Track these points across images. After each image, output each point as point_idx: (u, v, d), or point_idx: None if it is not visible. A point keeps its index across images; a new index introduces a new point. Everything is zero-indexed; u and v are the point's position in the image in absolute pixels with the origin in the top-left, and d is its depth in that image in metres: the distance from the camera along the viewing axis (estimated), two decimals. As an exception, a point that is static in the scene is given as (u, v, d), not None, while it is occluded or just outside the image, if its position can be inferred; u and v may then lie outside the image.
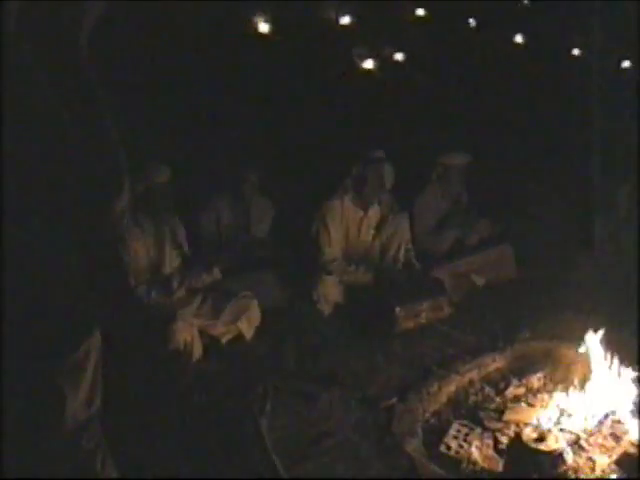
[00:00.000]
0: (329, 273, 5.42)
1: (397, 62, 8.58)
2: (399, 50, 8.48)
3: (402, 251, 5.62)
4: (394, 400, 4.15)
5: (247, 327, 4.94)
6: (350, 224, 5.57)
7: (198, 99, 6.20)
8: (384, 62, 8.41)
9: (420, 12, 8.73)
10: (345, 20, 8.11)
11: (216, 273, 5.03)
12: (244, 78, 6.71)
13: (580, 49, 8.82)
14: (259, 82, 6.79)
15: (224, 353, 4.79)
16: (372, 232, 5.64)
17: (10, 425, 1.86)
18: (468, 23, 9.12)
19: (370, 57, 8.22)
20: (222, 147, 6.10)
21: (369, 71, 8.25)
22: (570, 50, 9.06)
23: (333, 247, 5.48)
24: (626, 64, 8.57)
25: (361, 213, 5.59)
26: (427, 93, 7.91)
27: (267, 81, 6.84)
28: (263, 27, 7.45)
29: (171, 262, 4.86)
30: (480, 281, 5.80)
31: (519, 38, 9.18)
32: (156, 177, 4.69)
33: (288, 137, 6.58)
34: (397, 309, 4.96)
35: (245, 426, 3.82)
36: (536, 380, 4.30)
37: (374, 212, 5.63)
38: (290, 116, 6.83)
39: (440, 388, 4.30)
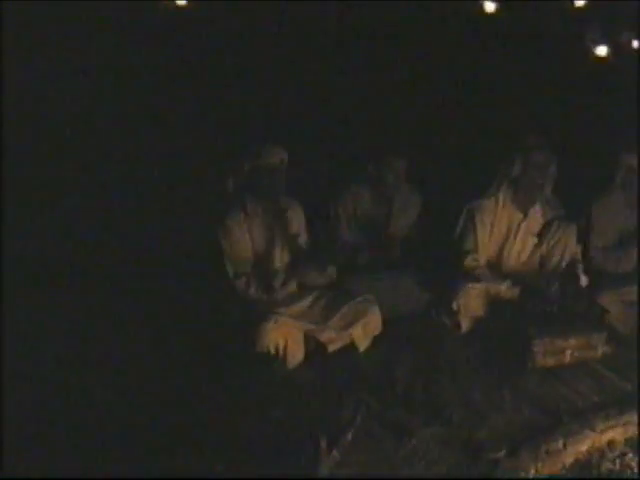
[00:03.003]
0: (475, 281, 4.63)
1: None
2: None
3: (564, 264, 4.72)
4: (502, 453, 3.39)
5: (361, 336, 4.32)
6: (505, 228, 4.76)
7: (348, 77, 5.66)
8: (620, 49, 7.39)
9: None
10: (580, 2, 7.28)
11: (331, 272, 4.46)
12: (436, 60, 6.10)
13: None
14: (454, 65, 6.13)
15: (328, 364, 4.20)
16: (533, 240, 4.78)
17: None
18: None
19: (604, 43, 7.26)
20: (365, 130, 5.50)
21: (602, 58, 7.28)
22: None
23: (479, 253, 4.71)
24: None
25: (520, 216, 4.76)
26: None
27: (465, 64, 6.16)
28: (489, 6, 6.81)
29: (282, 255, 4.36)
30: (663, 313, 4.73)
31: None
32: (265, 157, 4.21)
33: (449, 121, 5.82)
34: (535, 342, 4.09)
35: (304, 459, 3.26)
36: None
37: (535, 215, 4.77)
38: (473, 99, 6.08)
39: (565, 446, 3.46)
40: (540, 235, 4.76)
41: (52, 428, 3.38)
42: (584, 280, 4.67)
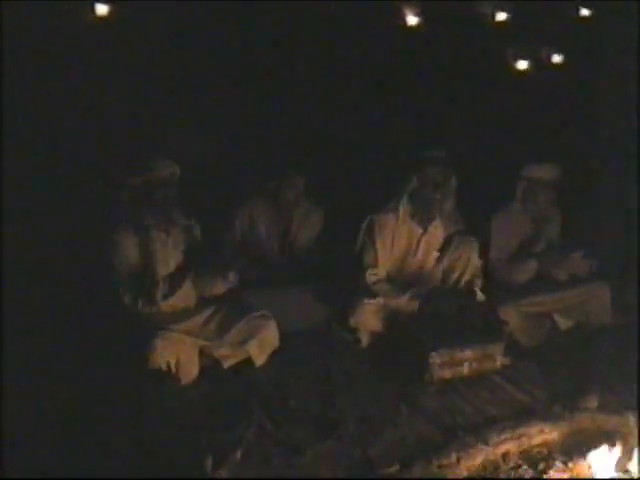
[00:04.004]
0: (372, 296, 4.56)
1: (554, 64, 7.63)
2: (558, 52, 7.54)
3: (466, 278, 4.68)
4: (395, 468, 3.29)
5: (258, 352, 4.20)
6: (405, 242, 4.70)
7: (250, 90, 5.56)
8: (540, 64, 7.47)
9: (585, 12, 7.74)
10: (501, 17, 7.35)
11: (232, 278, 4.32)
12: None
13: None
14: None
15: (222, 380, 4.05)
16: (435, 254, 4.74)
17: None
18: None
19: (525, 58, 7.34)
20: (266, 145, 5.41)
21: (522, 72, 7.34)
22: None
23: (379, 267, 4.63)
24: None
25: (420, 231, 4.71)
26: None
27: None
28: (412, 20, 6.77)
29: (173, 267, 4.23)
30: (565, 324, 4.73)
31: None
32: (156, 171, 4.11)
33: (352, 135, 5.75)
34: (432, 354, 4.03)
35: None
36: (587, 467, 3.29)
37: (436, 230, 4.72)
38: (370, 112, 6.01)
39: (459, 460, 3.37)
40: (442, 250, 4.73)
41: None
42: (480, 296, 4.62)
